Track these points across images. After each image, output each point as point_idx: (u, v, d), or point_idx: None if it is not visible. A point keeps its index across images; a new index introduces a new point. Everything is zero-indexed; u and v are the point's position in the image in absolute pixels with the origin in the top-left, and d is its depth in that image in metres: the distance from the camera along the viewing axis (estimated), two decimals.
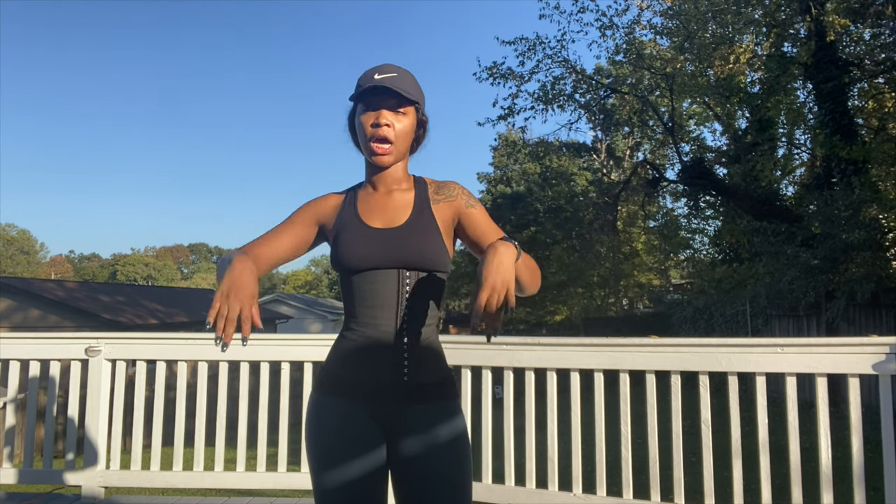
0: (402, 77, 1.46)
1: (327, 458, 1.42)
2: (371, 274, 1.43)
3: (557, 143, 21.30)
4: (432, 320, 1.47)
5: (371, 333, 1.43)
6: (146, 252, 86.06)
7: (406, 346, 1.42)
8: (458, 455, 1.43)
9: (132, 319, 21.59)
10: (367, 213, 1.50)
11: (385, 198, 1.51)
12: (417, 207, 1.49)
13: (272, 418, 3.33)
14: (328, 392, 1.47)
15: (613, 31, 14.63)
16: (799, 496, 2.62)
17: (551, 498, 2.99)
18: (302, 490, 3.42)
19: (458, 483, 1.41)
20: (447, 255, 1.48)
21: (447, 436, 1.42)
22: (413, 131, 1.51)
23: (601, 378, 2.95)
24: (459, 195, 1.52)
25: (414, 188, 1.54)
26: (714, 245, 18.98)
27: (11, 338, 3.50)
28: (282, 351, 3.33)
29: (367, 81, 1.44)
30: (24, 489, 3.66)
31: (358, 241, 1.45)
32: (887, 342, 2.54)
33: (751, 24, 12.08)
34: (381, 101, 1.45)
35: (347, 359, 1.46)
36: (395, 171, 1.52)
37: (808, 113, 14.27)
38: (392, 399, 1.42)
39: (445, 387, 1.48)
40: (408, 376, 1.42)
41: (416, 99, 1.47)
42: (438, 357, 1.49)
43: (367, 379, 1.43)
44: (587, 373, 2.96)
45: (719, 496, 2.74)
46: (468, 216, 1.51)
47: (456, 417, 1.46)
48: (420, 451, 1.40)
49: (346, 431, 1.43)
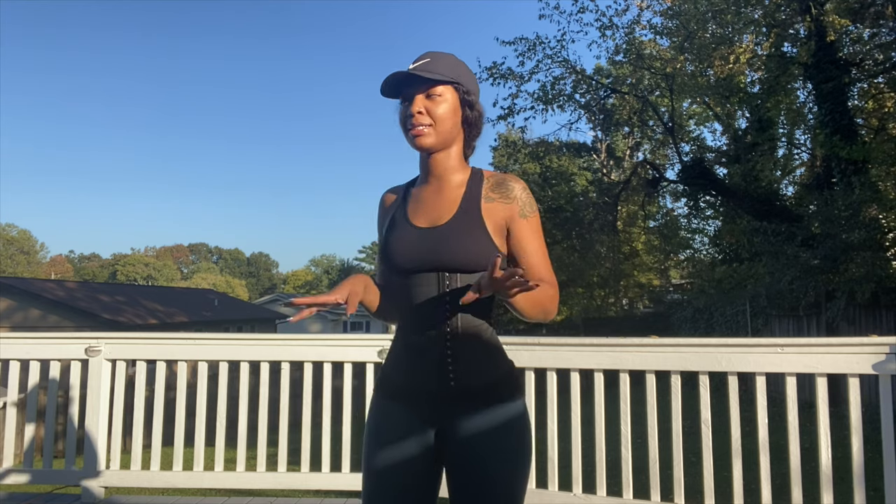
0: (435, 60, 1.41)
1: (376, 459, 1.40)
2: (413, 277, 1.40)
3: (557, 143, 21.29)
4: (482, 321, 1.40)
5: (415, 339, 1.40)
6: (146, 252, 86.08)
7: (450, 352, 1.37)
8: (510, 454, 1.37)
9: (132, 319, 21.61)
10: (414, 210, 1.46)
11: (435, 194, 1.46)
12: (464, 205, 1.42)
13: (272, 418, 3.33)
14: (383, 395, 1.47)
15: (613, 32, 14.64)
16: (799, 496, 2.62)
17: (551, 498, 2.99)
18: (302, 490, 3.43)
19: (508, 483, 1.37)
20: (495, 253, 1.39)
21: (499, 435, 1.37)
22: (457, 112, 1.43)
23: (601, 378, 2.95)
24: (517, 199, 1.43)
25: (468, 182, 1.46)
26: (714, 245, 18.97)
27: (11, 338, 3.50)
28: (282, 351, 3.33)
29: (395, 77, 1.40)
30: (24, 489, 3.65)
31: (399, 242, 1.42)
32: (887, 342, 2.54)
33: (751, 24, 12.07)
34: (414, 90, 1.40)
35: (397, 364, 1.44)
36: (448, 159, 1.45)
37: (808, 113, 14.29)
38: (442, 403, 1.39)
39: (499, 388, 1.40)
40: (454, 381, 1.37)
41: (449, 78, 1.40)
42: (491, 358, 1.41)
43: (415, 384, 1.40)
44: (587, 373, 2.96)
45: (719, 496, 2.74)
46: (517, 228, 1.42)
47: (511, 416, 1.39)
48: (470, 453, 1.36)
49: (392, 430, 1.41)
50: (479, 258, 1.36)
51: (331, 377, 3.29)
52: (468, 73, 1.46)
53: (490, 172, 1.49)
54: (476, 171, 1.49)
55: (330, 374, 3.30)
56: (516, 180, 1.45)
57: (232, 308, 31.51)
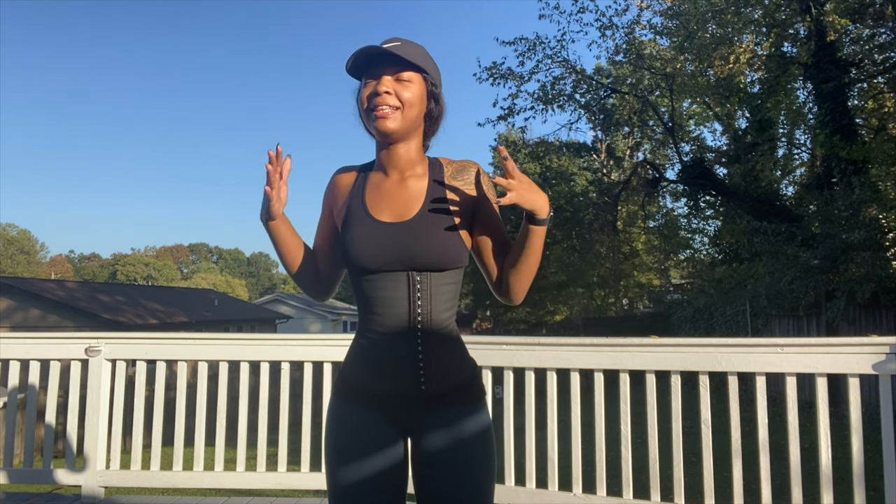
0: (406, 46, 1.35)
1: (342, 463, 1.35)
2: (379, 278, 1.33)
3: (557, 143, 21.30)
4: (449, 320, 1.37)
5: (383, 341, 1.34)
6: (146, 252, 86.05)
7: (421, 355, 1.32)
8: (479, 456, 1.36)
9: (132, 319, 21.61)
10: (375, 203, 1.38)
11: (396, 185, 1.39)
12: (430, 196, 1.36)
13: (272, 418, 3.33)
14: (345, 399, 1.39)
15: (613, 32, 14.65)
16: (799, 496, 2.62)
17: (551, 498, 2.99)
18: (302, 490, 3.42)
19: (479, 483, 1.35)
20: (464, 249, 1.36)
21: (468, 436, 1.35)
22: (422, 102, 1.37)
23: (601, 378, 2.95)
24: (481, 183, 1.40)
25: (428, 172, 1.41)
26: (714, 245, 18.97)
27: (11, 338, 3.50)
28: (282, 351, 3.33)
29: (367, 51, 1.33)
30: (24, 489, 3.66)
31: (364, 239, 1.33)
32: (887, 342, 2.54)
33: (751, 24, 12.07)
34: (382, 70, 1.34)
35: (362, 366, 1.37)
36: (408, 152, 1.39)
37: (808, 113, 14.29)
38: (410, 406, 1.35)
39: (467, 389, 1.38)
40: (425, 385, 1.33)
41: (420, 65, 1.34)
42: (458, 358, 1.39)
43: (383, 388, 1.34)
44: (587, 373, 2.96)
45: (719, 496, 2.74)
46: (481, 210, 1.40)
47: (478, 418, 1.38)
48: (441, 454, 1.34)
49: (362, 436, 1.35)
50: (450, 252, 1.33)
51: (331, 377, 3.29)
52: (436, 67, 1.42)
53: (447, 160, 1.45)
54: (433, 160, 1.45)
55: (330, 374, 3.29)
56: (472, 163, 1.44)
57: (232, 308, 31.49)
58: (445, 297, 1.36)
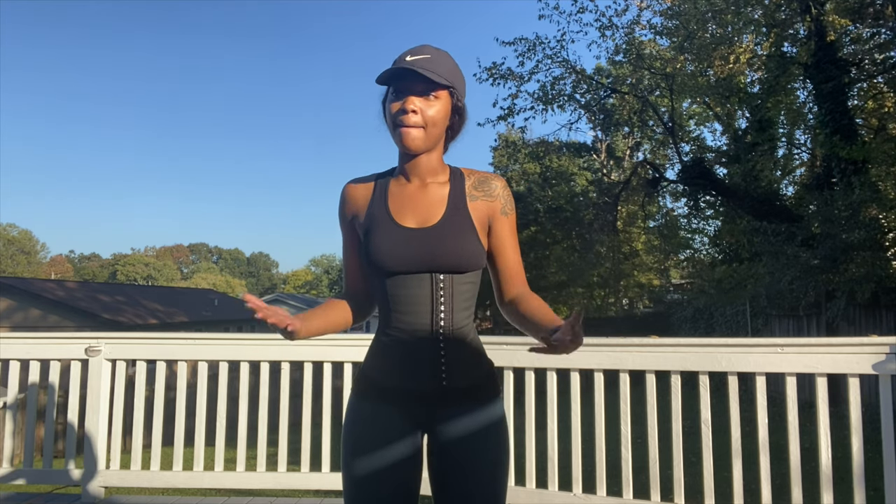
0: (435, 59, 1.37)
1: (360, 456, 1.39)
2: (403, 278, 1.38)
3: (557, 143, 21.29)
4: (468, 319, 1.42)
5: (406, 339, 1.38)
6: (146, 252, 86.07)
7: (443, 353, 1.38)
8: (494, 450, 1.40)
9: (132, 319, 21.62)
10: (398, 209, 1.42)
11: (419, 192, 1.44)
12: (452, 204, 1.42)
13: (272, 418, 3.33)
14: (364, 397, 1.44)
15: (613, 32, 14.63)
16: (799, 496, 2.62)
17: (551, 498, 2.99)
18: (302, 490, 3.42)
19: (494, 476, 1.39)
20: (483, 254, 1.43)
21: (483, 431, 1.39)
22: (447, 118, 1.41)
23: (601, 378, 2.95)
24: (500, 196, 1.46)
25: (450, 181, 1.46)
26: (714, 245, 18.96)
27: (11, 338, 3.50)
28: (282, 351, 3.33)
29: (397, 64, 1.36)
30: (24, 489, 3.65)
31: (389, 243, 1.38)
32: (887, 342, 2.54)
33: (751, 24, 12.07)
34: (410, 86, 1.36)
35: (384, 365, 1.42)
36: (430, 162, 1.44)
37: (808, 113, 14.27)
38: (430, 402, 1.39)
39: (484, 385, 1.43)
40: (446, 381, 1.38)
41: (448, 83, 1.37)
42: (477, 357, 1.44)
43: (404, 384, 1.39)
44: (587, 373, 2.96)
45: (719, 496, 2.74)
46: (499, 224, 1.46)
47: (493, 414, 1.42)
48: (456, 447, 1.38)
49: (381, 432, 1.39)
50: (471, 257, 1.39)
51: (331, 377, 3.30)
52: (462, 78, 1.45)
53: (469, 170, 1.50)
54: (455, 169, 1.49)
55: (330, 374, 3.30)
56: (497, 178, 1.49)
57: (232, 308, 31.49)
58: (465, 297, 1.41)
